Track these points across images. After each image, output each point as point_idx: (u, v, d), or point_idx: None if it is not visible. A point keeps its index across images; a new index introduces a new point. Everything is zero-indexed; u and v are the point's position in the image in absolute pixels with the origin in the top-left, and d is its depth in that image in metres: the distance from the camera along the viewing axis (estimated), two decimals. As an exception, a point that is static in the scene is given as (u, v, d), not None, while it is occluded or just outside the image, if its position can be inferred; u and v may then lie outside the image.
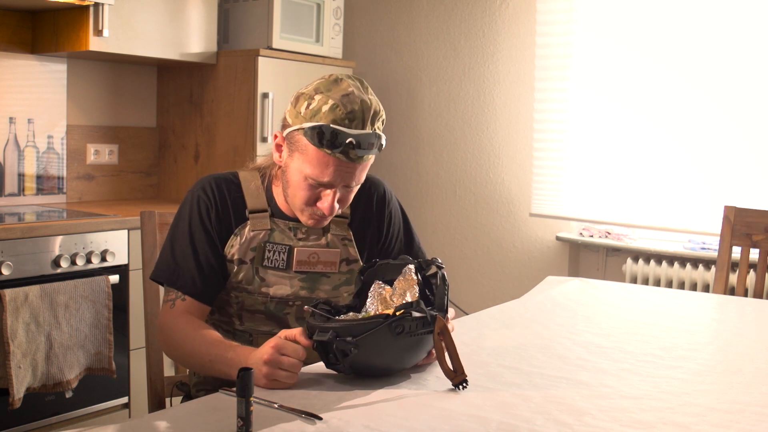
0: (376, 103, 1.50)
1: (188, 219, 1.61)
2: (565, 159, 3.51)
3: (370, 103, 1.47)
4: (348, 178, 1.51)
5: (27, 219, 2.70)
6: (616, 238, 3.41)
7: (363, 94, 1.48)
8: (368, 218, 1.71)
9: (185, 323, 1.55)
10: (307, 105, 1.48)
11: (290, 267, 1.61)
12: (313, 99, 1.48)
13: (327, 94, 1.47)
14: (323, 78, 1.52)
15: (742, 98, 3.10)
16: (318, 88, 1.49)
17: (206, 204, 1.60)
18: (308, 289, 1.62)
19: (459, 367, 1.36)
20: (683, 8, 3.20)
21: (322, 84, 1.49)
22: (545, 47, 3.55)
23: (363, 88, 1.49)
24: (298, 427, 1.19)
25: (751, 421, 1.26)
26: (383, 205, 1.73)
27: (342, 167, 1.48)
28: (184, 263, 1.58)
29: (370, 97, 1.48)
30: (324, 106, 1.45)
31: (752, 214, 2.53)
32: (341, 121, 1.45)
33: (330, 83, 1.49)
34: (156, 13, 3.08)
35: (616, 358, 1.60)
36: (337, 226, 1.65)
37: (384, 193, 1.74)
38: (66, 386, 2.52)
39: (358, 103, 1.45)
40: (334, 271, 1.64)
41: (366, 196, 1.71)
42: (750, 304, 2.23)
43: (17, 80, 3.05)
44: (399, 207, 1.79)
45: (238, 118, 3.29)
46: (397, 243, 1.75)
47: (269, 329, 1.62)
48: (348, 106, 1.45)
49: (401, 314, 1.35)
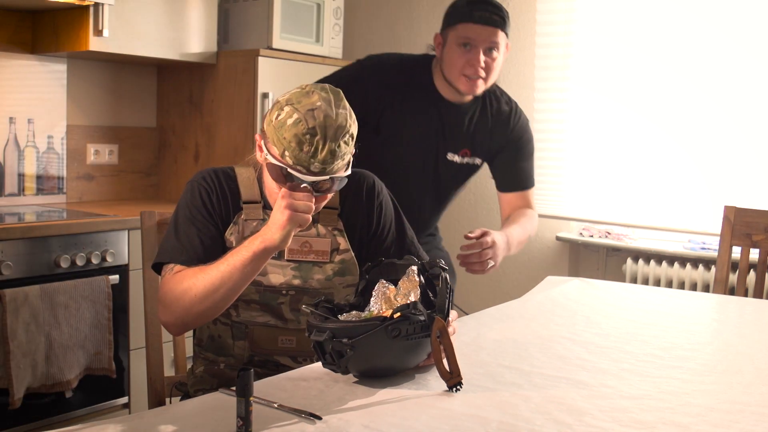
0: (344, 119, 1.48)
1: (189, 203, 1.63)
2: (565, 159, 3.51)
3: (336, 118, 1.47)
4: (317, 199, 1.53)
5: (27, 219, 2.70)
6: (616, 238, 3.41)
7: (331, 108, 1.47)
8: (358, 209, 1.73)
9: (183, 273, 1.54)
10: (277, 115, 1.49)
11: (282, 256, 1.63)
12: (282, 110, 1.49)
13: (295, 106, 1.47)
14: (300, 88, 1.53)
15: (742, 98, 3.10)
16: (290, 99, 1.50)
17: (207, 189, 1.63)
18: (301, 278, 1.64)
19: (455, 368, 1.36)
20: (683, 8, 3.20)
21: (295, 95, 1.50)
22: (545, 47, 3.55)
23: (334, 103, 1.49)
24: (298, 427, 1.19)
25: (751, 421, 1.26)
26: (372, 196, 1.76)
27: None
28: (188, 242, 1.59)
29: (338, 112, 1.48)
30: (289, 120, 1.47)
31: (752, 214, 2.53)
32: (302, 136, 1.45)
33: (301, 95, 1.49)
34: (156, 13, 3.08)
35: (616, 358, 1.60)
36: (327, 216, 1.68)
37: (373, 184, 1.77)
38: (66, 386, 2.52)
39: (322, 119, 1.46)
40: (326, 261, 1.66)
41: (355, 187, 1.73)
42: (750, 304, 2.23)
43: (17, 80, 3.05)
44: (390, 199, 1.81)
45: (238, 118, 3.29)
46: (390, 234, 1.77)
47: (265, 321, 1.63)
48: (310, 122, 1.45)
49: (398, 317, 1.35)
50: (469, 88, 2.17)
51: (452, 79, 2.18)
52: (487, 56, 2.14)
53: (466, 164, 2.30)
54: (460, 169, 2.31)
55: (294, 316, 1.64)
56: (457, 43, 2.14)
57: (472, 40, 2.12)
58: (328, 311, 1.47)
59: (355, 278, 1.67)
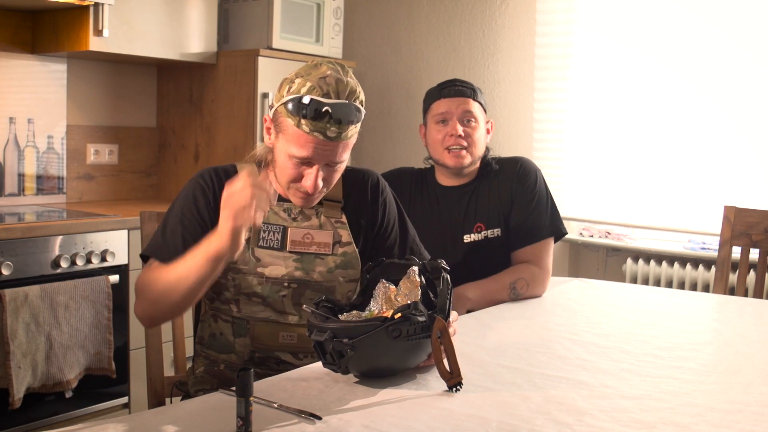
0: (354, 84, 1.56)
1: (182, 201, 1.65)
2: (565, 159, 3.51)
3: (347, 83, 1.54)
4: (329, 156, 1.55)
5: (27, 219, 2.70)
6: (616, 238, 3.41)
7: (341, 76, 1.54)
8: (362, 205, 1.75)
9: (153, 268, 1.56)
10: (288, 88, 1.55)
11: (285, 247, 1.64)
12: (293, 83, 1.55)
13: (306, 77, 1.54)
14: (306, 63, 1.60)
15: (741, 98, 3.10)
16: (299, 72, 1.57)
17: (203, 188, 1.64)
18: (303, 270, 1.64)
19: (456, 368, 1.36)
20: (683, 8, 3.20)
21: (303, 69, 1.57)
22: (545, 47, 3.55)
23: (342, 72, 1.55)
24: (298, 427, 1.19)
25: (751, 421, 1.26)
26: (377, 193, 1.78)
27: (321, 145, 1.53)
28: (171, 240, 1.61)
29: (348, 79, 1.55)
30: (303, 88, 1.53)
31: (752, 214, 2.53)
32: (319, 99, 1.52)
33: (310, 68, 1.56)
34: (156, 13, 3.08)
35: (616, 358, 1.60)
36: (330, 209, 1.69)
37: (378, 182, 1.79)
38: (66, 386, 2.52)
39: (334, 84, 1.52)
40: (328, 253, 1.66)
41: (360, 184, 1.76)
42: (750, 304, 2.23)
43: (17, 80, 3.05)
44: (394, 198, 1.83)
45: (238, 118, 3.29)
46: (393, 232, 1.78)
47: (266, 316, 1.63)
48: (324, 87, 1.52)
49: (399, 318, 1.35)
50: (454, 161, 2.20)
51: (438, 157, 2.23)
52: (465, 126, 2.19)
53: (485, 238, 2.20)
54: (483, 245, 2.21)
55: (296, 311, 1.64)
56: (435, 121, 2.23)
57: (447, 114, 2.21)
58: (329, 311, 1.47)
59: (357, 273, 1.67)
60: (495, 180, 2.24)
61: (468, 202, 2.23)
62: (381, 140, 4.08)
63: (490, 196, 2.23)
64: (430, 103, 2.26)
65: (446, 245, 2.21)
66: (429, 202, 2.28)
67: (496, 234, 2.21)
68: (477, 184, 2.25)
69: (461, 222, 2.22)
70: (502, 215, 2.21)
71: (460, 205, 2.24)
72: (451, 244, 2.22)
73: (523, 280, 2.14)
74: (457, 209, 2.23)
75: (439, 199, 2.27)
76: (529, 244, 2.18)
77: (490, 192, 2.23)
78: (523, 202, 2.21)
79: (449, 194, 2.26)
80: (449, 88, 2.23)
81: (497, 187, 2.23)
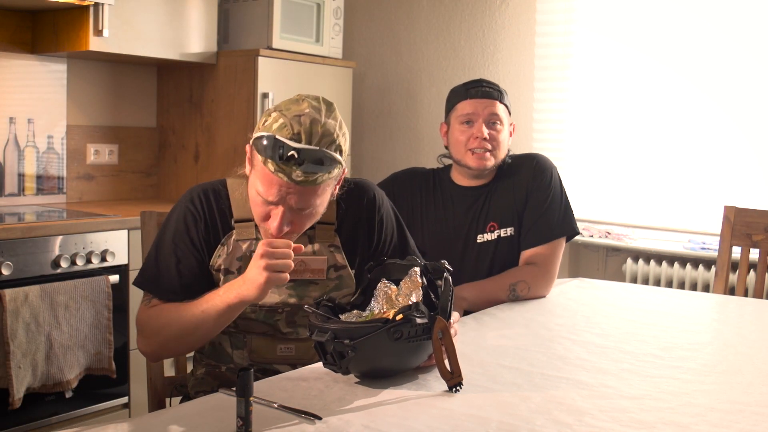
0: (332, 127, 1.43)
1: (174, 229, 1.60)
2: (565, 159, 3.51)
3: (323, 125, 1.42)
4: (296, 200, 1.45)
5: (27, 219, 2.70)
6: (616, 238, 3.41)
7: (319, 116, 1.42)
8: (358, 224, 1.68)
9: (161, 309, 1.56)
10: (264, 122, 1.46)
11: None
12: (269, 116, 1.45)
13: (283, 112, 1.43)
14: (291, 97, 1.49)
15: (741, 98, 3.11)
16: (278, 106, 1.46)
17: (194, 215, 1.59)
18: (297, 296, 1.61)
19: (456, 369, 1.36)
20: (683, 8, 3.20)
21: (285, 102, 1.47)
22: (545, 47, 3.55)
23: (324, 112, 1.44)
24: (298, 427, 1.19)
25: (751, 421, 1.26)
26: (373, 210, 1.70)
27: (285, 187, 1.43)
28: (166, 272, 1.58)
29: (327, 121, 1.42)
30: (275, 124, 1.42)
31: (752, 214, 2.53)
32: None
33: (291, 102, 1.46)
34: (156, 13, 3.08)
35: (616, 358, 1.60)
36: (324, 233, 1.63)
37: (374, 198, 1.71)
38: (66, 386, 2.52)
39: (308, 124, 1.41)
40: (323, 278, 1.62)
41: (355, 202, 1.68)
42: (750, 304, 2.23)
43: (17, 80, 3.05)
44: (392, 211, 1.76)
45: (238, 118, 3.29)
46: (391, 247, 1.73)
47: (263, 331, 1.62)
48: (296, 128, 1.40)
49: (400, 319, 1.34)
50: (478, 162, 2.17)
51: (460, 157, 2.20)
52: (490, 129, 2.16)
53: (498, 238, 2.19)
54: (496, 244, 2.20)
55: (291, 329, 1.62)
56: (460, 122, 2.19)
57: (473, 115, 2.17)
58: (330, 311, 1.47)
59: (351, 290, 1.64)
60: (509, 179, 2.22)
61: (483, 202, 2.22)
62: (381, 140, 4.08)
63: (505, 195, 2.21)
64: (456, 103, 2.22)
65: (459, 245, 2.21)
66: (443, 202, 2.26)
67: (509, 233, 2.20)
68: (492, 185, 2.24)
69: (475, 222, 2.21)
70: (516, 213, 2.20)
71: (474, 205, 2.22)
72: (464, 243, 2.21)
73: (524, 283, 2.13)
74: (472, 209, 2.22)
75: (453, 199, 2.25)
76: (539, 244, 2.17)
77: (504, 191, 2.22)
78: (538, 201, 2.19)
79: (464, 194, 2.24)
80: (476, 88, 2.19)
81: (512, 185, 2.22)
